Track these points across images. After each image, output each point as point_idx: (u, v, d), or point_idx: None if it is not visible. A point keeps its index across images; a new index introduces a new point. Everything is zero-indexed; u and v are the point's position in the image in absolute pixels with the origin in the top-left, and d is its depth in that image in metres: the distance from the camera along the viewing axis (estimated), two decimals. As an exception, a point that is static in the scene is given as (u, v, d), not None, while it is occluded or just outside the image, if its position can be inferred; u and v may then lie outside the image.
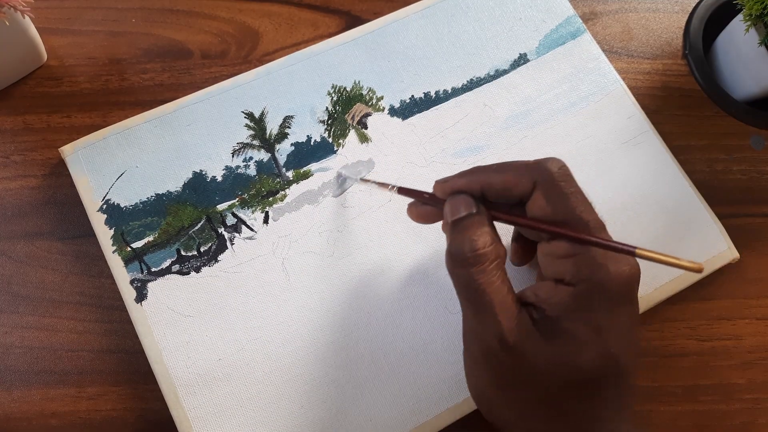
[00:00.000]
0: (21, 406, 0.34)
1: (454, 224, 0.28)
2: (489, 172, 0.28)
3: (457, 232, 0.27)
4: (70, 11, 0.42)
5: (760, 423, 0.37)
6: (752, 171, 0.42)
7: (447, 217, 0.28)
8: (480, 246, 0.26)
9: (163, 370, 0.33)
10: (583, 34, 0.42)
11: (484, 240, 0.26)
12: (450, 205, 0.28)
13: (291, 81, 0.40)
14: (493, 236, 0.27)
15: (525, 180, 0.27)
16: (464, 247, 0.26)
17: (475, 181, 0.28)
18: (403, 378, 0.34)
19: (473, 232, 0.27)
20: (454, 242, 0.27)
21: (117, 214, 0.36)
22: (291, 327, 0.35)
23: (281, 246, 0.36)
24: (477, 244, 0.26)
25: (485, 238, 0.27)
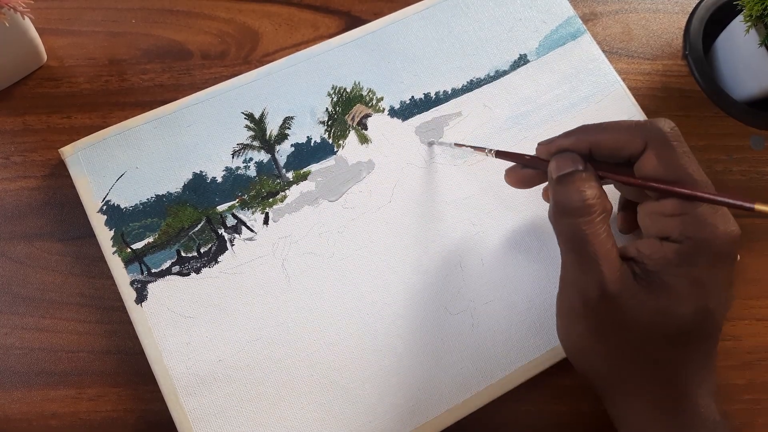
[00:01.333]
0: (21, 407, 0.34)
1: (560, 179, 0.28)
2: (597, 131, 0.28)
3: (565, 184, 0.28)
4: (70, 12, 0.42)
5: (759, 423, 0.37)
6: (752, 171, 0.42)
7: (552, 174, 0.29)
8: (589, 197, 0.27)
9: (163, 371, 0.33)
10: (583, 35, 0.42)
11: (592, 192, 0.27)
12: (556, 162, 0.29)
13: (291, 82, 0.40)
14: (601, 192, 0.28)
15: (637, 139, 0.27)
16: (573, 197, 0.27)
17: (583, 140, 0.29)
18: (402, 379, 0.34)
19: (581, 184, 0.27)
20: (562, 193, 0.28)
21: (117, 215, 0.36)
22: (291, 328, 0.35)
23: (281, 247, 0.36)
24: (586, 195, 0.27)
25: (593, 191, 0.27)
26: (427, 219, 0.37)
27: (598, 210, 0.27)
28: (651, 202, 0.28)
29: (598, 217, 0.27)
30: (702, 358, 0.27)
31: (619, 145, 0.28)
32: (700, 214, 0.26)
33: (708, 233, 0.26)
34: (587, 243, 0.27)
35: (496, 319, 0.36)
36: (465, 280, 0.36)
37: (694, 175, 0.26)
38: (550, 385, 0.36)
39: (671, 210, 0.27)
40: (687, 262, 0.26)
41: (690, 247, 0.26)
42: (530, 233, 0.37)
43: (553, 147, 0.30)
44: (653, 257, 0.27)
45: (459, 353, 0.35)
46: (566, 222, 0.27)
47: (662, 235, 0.27)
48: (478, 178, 0.38)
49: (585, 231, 0.27)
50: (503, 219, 0.38)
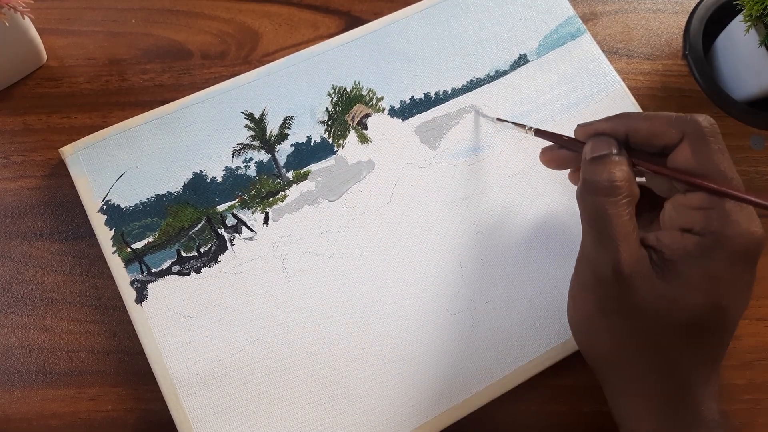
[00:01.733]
0: (21, 406, 0.34)
1: (593, 160, 0.28)
2: (636, 118, 0.29)
3: (596, 165, 0.28)
4: (70, 12, 0.42)
5: (759, 423, 0.37)
6: (752, 171, 0.42)
7: (586, 155, 0.29)
8: (618, 178, 0.27)
9: (163, 371, 0.33)
10: (583, 35, 0.42)
11: (621, 174, 0.27)
12: (592, 144, 0.29)
13: (291, 82, 0.40)
14: (631, 175, 0.28)
15: (674, 130, 0.28)
16: (602, 176, 0.27)
17: (621, 125, 0.29)
18: (402, 379, 0.34)
19: (612, 166, 0.28)
20: (592, 172, 0.28)
21: (117, 214, 0.36)
22: (291, 327, 0.35)
23: (281, 247, 0.36)
24: (615, 176, 0.27)
25: (623, 174, 0.27)
26: (427, 219, 0.37)
27: (624, 192, 0.27)
28: (679, 195, 0.28)
29: (624, 200, 0.27)
30: (708, 355, 0.27)
31: (657, 134, 0.28)
32: (726, 210, 0.26)
33: (731, 229, 0.26)
34: (609, 222, 0.27)
35: (496, 318, 0.36)
36: (465, 280, 0.36)
37: (726, 172, 0.27)
38: (550, 385, 0.36)
39: (698, 203, 0.27)
40: (706, 256, 0.26)
41: (711, 241, 0.26)
42: (531, 233, 0.37)
43: (591, 129, 0.30)
44: (672, 247, 0.27)
45: (459, 353, 0.35)
46: (591, 199, 0.28)
47: (685, 227, 0.27)
48: (478, 178, 0.38)
49: (608, 211, 0.27)
50: (503, 218, 0.38)
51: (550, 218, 0.38)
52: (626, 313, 0.27)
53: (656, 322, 0.27)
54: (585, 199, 0.28)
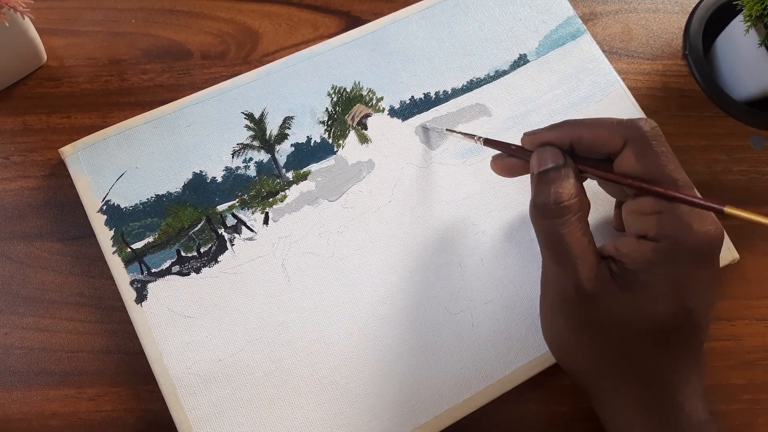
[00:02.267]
0: (21, 407, 0.34)
1: (540, 175, 0.28)
2: (579, 126, 0.29)
3: (543, 183, 0.28)
4: (70, 12, 0.42)
5: (759, 424, 0.37)
6: (752, 171, 0.42)
7: (533, 168, 0.29)
8: (565, 198, 0.27)
9: (163, 371, 0.33)
10: (583, 35, 0.42)
11: (569, 192, 0.27)
12: (537, 157, 0.29)
13: (291, 82, 0.40)
14: (579, 189, 0.28)
15: (617, 137, 0.28)
16: (549, 198, 0.27)
17: (565, 135, 0.29)
18: (402, 379, 0.34)
19: (559, 185, 0.27)
20: (540, 193, 0.28)
21: (117, 214, 0.36)
22: (291, 328, 0.35)
23: (281, 247, 0.36)
24: (562, 196, 0.27)
25: (570, 191, 0.27)
26: (427, 219, 0.37)
27: (574, 209, 0.27)
28: (630, 201, 0.28)
29: (574, 217, 0.27)
30: (685, 357, 0.27)
31: (600, 141, 0.28)
32: (677, 213, 0.26)
33: (685, 232, 0.26)
34: (563, 243, 0.27)
35: (496, 318, 0.36)
36: (465, 280, 0.36)
37: (671, 174, 0.27)
38: (550, 384, 0.36)
39: (649, 208, 0.27)
40: (665, 261, 0.26)
41: (667, 245, 0.26)
42: (530, 233, 0.37)
43: (536, 139, 0.30)
44: (631, 256, 0.27)
45: (459, 353, 0.35)
46: (543, 222, 0.28)
47: (641, 234, 0.27)
48: (477, 178, 0.38)
49: (560, 231, 0.27)
50: (503, 219, 0.38)
51: None
52: (597, 330, 0.27)
53: (627, 335, 0.27)
54: (537, 221, 0.28)
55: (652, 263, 0.26)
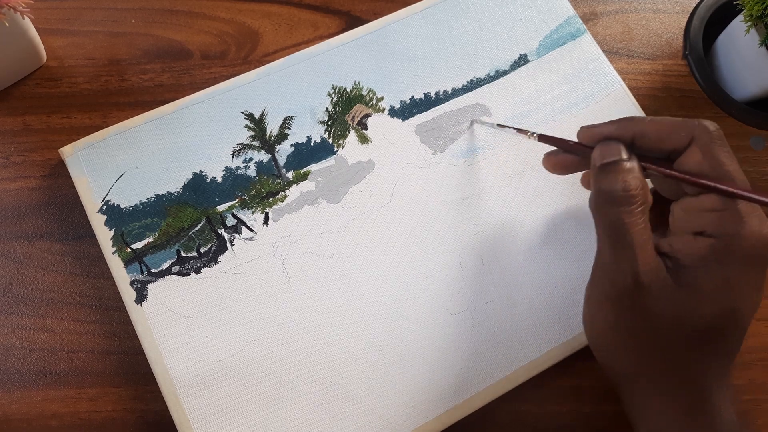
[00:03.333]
0: (21, 407, 0.34)
1: (603, 167, 0.28)
2: (643, 122, 0.29)
3: (609, 173, 0.28)
4: (70, 12, 0.42)
5: (759, 424, 0.37)
6: (752, 172, 0.42)
7: (596, 161, 0.29)
8: (632, 187, 0.27)
9: (163, 371, 0.33)
10: (583, 35, 0.42)
11: (635, 182, 0.27)
12: (601, 150, 0.29)
13: (291, 82, 0.40)
14: (643, 182, 0.28)
15: (683, 134, 0.28)
16: (616, 186, 0.27)
17: (627, 129, 0.29)
18: (403, 379, 0.34)
19: (626, 174, 0.28)
20: (605, 181, 0.28)
21: (117, 215, 0.36)
22: (291, 328, 0.35)
23: (281, 247, 0.36)
24: (629, 184, 0.27)
25: (637, 182, 0.27)
26: (427, 219, 0.37)
27: (639, 200, 0.27)
28: (689, 198, 0.28)
29: (639, 208, 0.27)
30: (724, 359, 0.28)
31: (665, 138, 0.28)
32: (739, 212, 0.26)
33: (744, 230, 0.26)
34: (626, 232, 0.27)
35: (496, 319, 0.36)
36: (465, 280, 0.36)
37: (736, 175, 0.27)
38: (550, 385, 0.36)
39: (710, 205, 0.27)
40: (719, 259, 0.26)
41: (725, 243, 0.26)
42: (531, 233, 0.37)
43: (596, 133, 0.30)
44: (686, 252, 0.27)
45: (459, 353, 0.35)
46: (607, 210, 0.28)
47: (697, 230, 0.27)
48: (478, 178, 0.38)
49: (624, 220, 0.27)
50: (503, 219, 0.38)
51: (550, 218, 0.38)
52: (645, 324, 0.27)
53: (675, 331, 0.27)
54: (600, 209, 0.28)
55: (707, 260, 0.27)
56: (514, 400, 0.35)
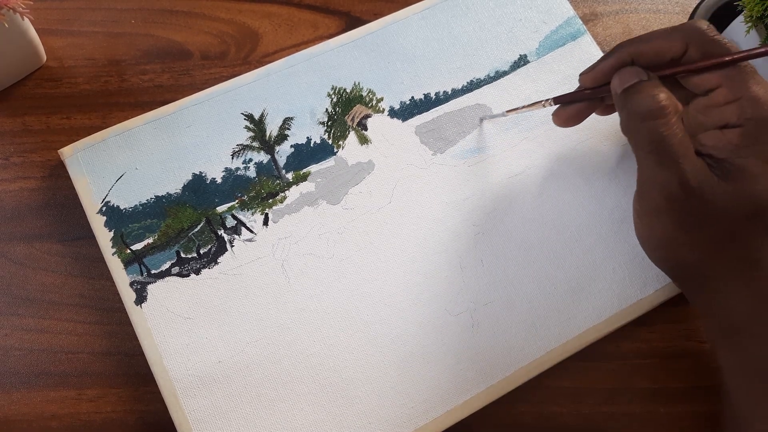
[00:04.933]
0: (21, 408, 0.34)
1: (627, 91, 0.29)
2: (636, 43, 0.30)
3: (634, 93, 0.29)
4: (70, 12, 0.42)
5: (759, 425, 0.37)
6: (752, 172, 0.42)
7: (617, 89, 0.30)
8: (662, 98, 0.28)
9: (163, 372, 0.33)
10: (583, 36, 0.42)
11: (664, 95, 0.28)
12: (619, 77, 0.30)
13: (291, 82, 0.40)
14: (669, 93, 0.29)
15: (677, 41, 0.29)
16: (647, 101, 0.28)
17: (624, 56, 0.30)
18: (402, 380, 0.34)
19: (652, 90, 0.29)
20: (634, 101, 0.29)
21: (116, 216, 0.36)
22: (291, 329, 0.35)
23: (281, 248, 0.36)
24: (659, 98, 0.28)
25: (665, 94, 0.28)
26: (427, 220, 0.37)
27: (672, 110, 0.28)
28: (700, 98, 0.30)
29: (674, 117, 0.28)
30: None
31: (662, 50, 0.30)
32: (755, 95, 0.28)
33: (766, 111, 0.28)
34: (666, 143, 0.28)
35: (496, 320, 0.36)
36: (465, 281, 0.36)
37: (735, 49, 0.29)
38: (550, 386, 0.36)
39: (724, 98, 0.28)
40: (753, 142, 0.28)
41: (752, 127, 0.28)
42: (531, 233, 0.37)
43: (598, 72, 0.31)
44: (719, 146, 0.28)
45: (459, 354, 0.35)
46: (644, 126, 0.28)
47: (721, 125, 0.29)
48: (478, 179, 0.38)
49: (663, 132, 0.28)
50: (503, 219, 0.38)
51: (550, 219, 0.38)
52: (704, 221, 0.29)
53: (734, 220, 0.28)
54: (637, 128, 0.29)
55: (742, 147, 0.28)
56: (514, 401, 0.35)
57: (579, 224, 0.38)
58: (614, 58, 0.31)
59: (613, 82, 0.30)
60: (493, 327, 0.35)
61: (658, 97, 0.28)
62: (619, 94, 0.30)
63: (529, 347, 0.35)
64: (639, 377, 0.36)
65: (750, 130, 0.28)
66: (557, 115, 0.34)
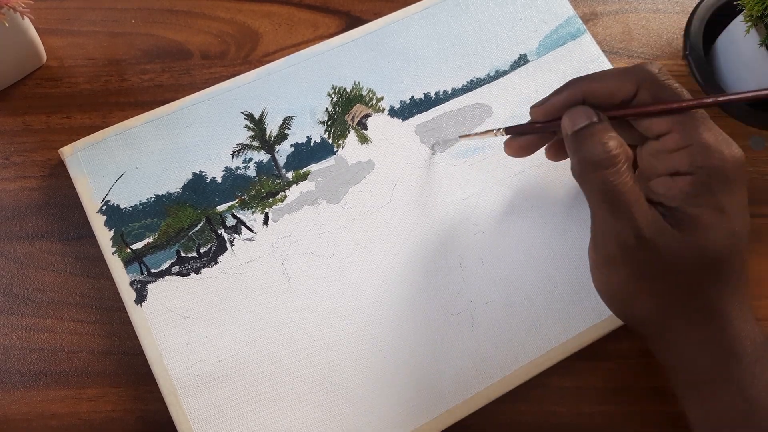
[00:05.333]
0: (21, 407, 0.34)
1: (578, 133, 0.28)
2: (588, 81, 0.29)
3: (585, 139, 0.28)
4: (70, 12, 0.42)
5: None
6: (752, 172, 0.42)
7: (567, 129, 0.29)
8: (613, 147, 0.27)
9: (163, 372, 0.33)
10: (583, 35, 0.42)
11: (614, 142, 0.27)
12: (569, 118, 0.29)
13: (291, 82, 0.40)
14: (621, 140, 0.28)
15: (629, 83, 0.28)
16: (596, 150, 0.27)
17: (576, 93, 0.29)
18: (402, 379, 0.34)
19: (602, 136, 0.28)
20: (584, 148, 0.28)
21: (117, 215, 0.36)
22: (291, 328, 0.35)
23: (281, 247, 0.36)
24: (609, 146, 0.27)
25: (615, 141, 0.27)
26: (427, 219, 0.37)
27: (622, 158, 0.27)
28: (652, 142, 0.29)
29: (623, 166, 0.27)
30: (737, 280, 0.28)
31: (612, 91, 0.29)
32: (706, 142, 0.27)
33: (718, 159, 0.27)
34: (617, 192, 0.27)
35: (496, 319, 0.36)
36: (465, 280, 0.36)
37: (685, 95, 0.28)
38: (550, 385, 0.36)
39: (675, 144, 0.28)
40: (704, 191, 0.27)
41: (703, 175, 0.27)
42: (530, 232, 0.37)
43: (549, 107, 0.30)
44: (669, 194, 0.28)
45: (459, 353, 0.35)
46: (594, 176, 0.28)
47: (672, 171, 0.28)
48: (478, 178, 0.38)
49: (614, 182, 0.27)
50: (503, 219, 0.38)
51: (550, 218, 0.38)
52: (659, 273, 0.28)
53: (688, 271, 0.28)
54: (586, 177, 0.28)
55: (693, 196, 0.27)
56: (514, 400, 0.35)
57: (579, 224, 0.38)
58: (566, 94, 0.29)
59: (563, 120, 0.29)
60: (493, 326, 0.35)
61: (608, 146, 0.27)
62: (570, 136, 0.29)
63: (529, 346, 0.35)
64: (639, 377, 0.36)
65: (701, 179, 0.27)
66: (508, 145, 0.33)
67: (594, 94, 0.29)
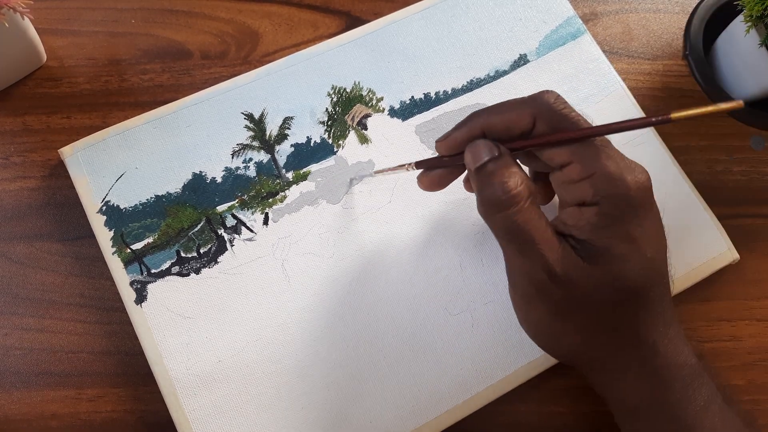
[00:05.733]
0: (21, 407, 0.34)
1: (479, 170, 0.27)
2: (487, 114, 0.28)
3: (486, 177, 0.27)
4: (70, 12, 0.42)
5: (759, 425, 0.37)
6: (752, 172, 0.42)
7: (470, 166, 0.28)
8: (512, 186, 0.26)
9: (163, 372, 0.33)
10: (583, 35, 0.42)
11: (514, 180, 0.26)
12: (470, 153, 0.28)
13: (291, 82, 0.40)
14: (522, 174, 0.27)
15: (525, 115, 0.27)
16: (497, 190, 0.26)
17: (476, 127, 0.28)
18: (402, 379, 0.34)
19: (502, 174, 0.27)
20: (486, 187, 0.27)
21: (117, 215, 0.36)
22: (291, 328, 0.35)
23: (281, 247, 0.36)
24: (509, 185, 0.26)
25: (515, 178, 0.27)
26: (427, 219, 0.37)
27: (524, 196, 0.26)
28: (558, 172, 0.28)
29: (526, 203, 0.26)
30: (658, 306, 0.28)
31: (510, 124, 0.28)
32: (607, 171, 0.26)
33: (621, 187, 0.26)
34: (523, 232, 0.26)
35: (496, 319, 0.36)
36: (465, 281, 0.36)
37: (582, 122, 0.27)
38: (549, 386, 0.36)
39: (578, 174, 0.27)
40: (612, 222, 0.26)
41: (609, 205, 0.26)
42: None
43: (451, 141, 0.29)
44: (579, 225, 0.27)
45: (459, 354, 0.35)
46: (496, 217, 0.27)
47: (579, 202, 0.27)
48: (478, 179, 0.38)
49: (517, 221, 0.26)
50: (503, 219, 0.38)
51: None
52: (576, 307, 0.27)
53: (605, 303, 0.27)
54: (490, 216, 0.27)
55: (600, 227, 0.26)
56: (513, 400, 0.35)
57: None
58: (466, 129, 0.29)
59: (465, 156, 0.28)
60: (492, 326, 0.35)
61: (508, 185, 0.26)
62: (473, 172, 0.28)
63: (528, 346, 0.35)
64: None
65: (607, 209, 0.26)
66: (420, 180, 0.32)
67: (493, 127, 0.28)
